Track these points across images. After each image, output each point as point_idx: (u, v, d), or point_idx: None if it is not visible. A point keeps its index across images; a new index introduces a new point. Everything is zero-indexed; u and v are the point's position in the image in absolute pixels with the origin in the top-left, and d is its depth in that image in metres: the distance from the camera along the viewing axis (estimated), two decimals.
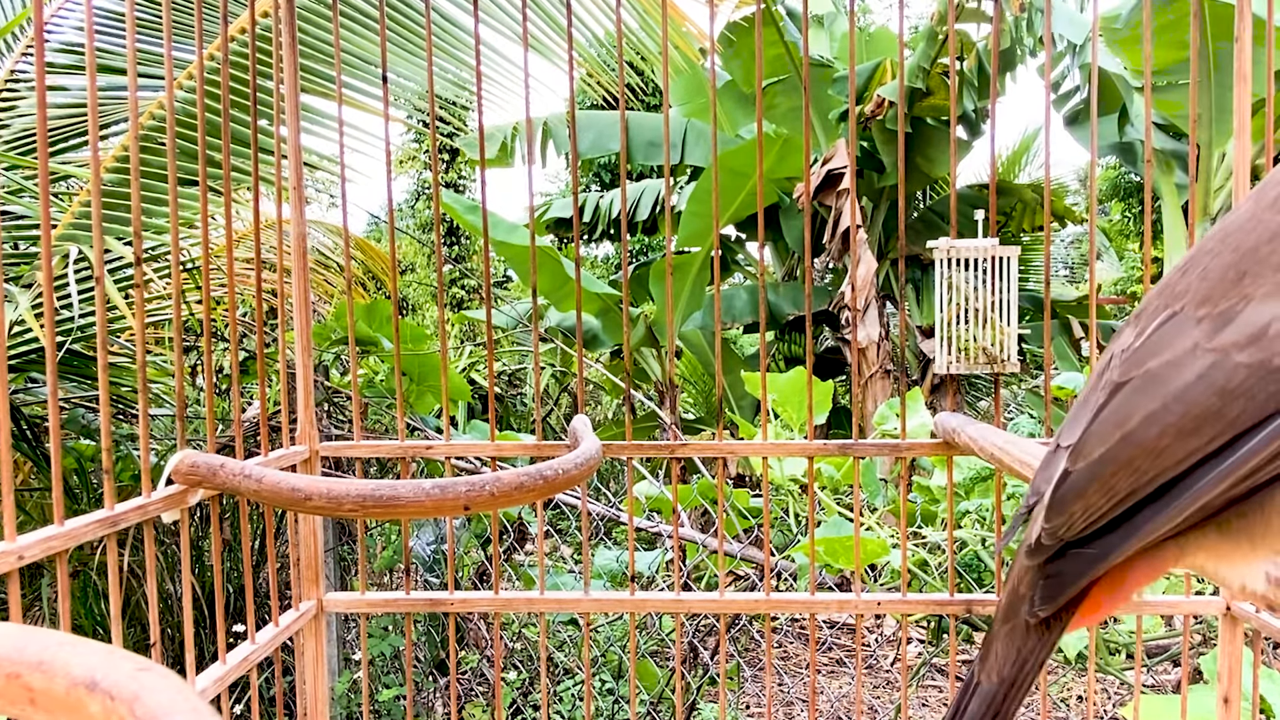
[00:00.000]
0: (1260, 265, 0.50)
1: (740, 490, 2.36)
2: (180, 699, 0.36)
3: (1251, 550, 0.51)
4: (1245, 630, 1.24)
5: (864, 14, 9.13)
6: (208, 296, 1.14)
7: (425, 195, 11.53)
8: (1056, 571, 0.53)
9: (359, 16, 2.68)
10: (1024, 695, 0.56)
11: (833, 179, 4.95)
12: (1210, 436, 0.49)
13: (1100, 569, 0.52)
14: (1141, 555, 0.52)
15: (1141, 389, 0.52)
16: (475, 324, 7.22)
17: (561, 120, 5.88)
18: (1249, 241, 0.52)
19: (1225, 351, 0.49)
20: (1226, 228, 0.55)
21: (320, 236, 4.24)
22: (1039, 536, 0.54)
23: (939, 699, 3.58)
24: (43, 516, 2.75)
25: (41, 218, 0.84)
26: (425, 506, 0.87)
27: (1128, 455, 0.51)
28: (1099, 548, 0.52)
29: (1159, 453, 0.50)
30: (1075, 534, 0.52)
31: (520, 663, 3.25)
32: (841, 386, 6.30)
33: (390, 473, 3.34)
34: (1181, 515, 0.50)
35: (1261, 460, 0.48)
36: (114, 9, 2.70)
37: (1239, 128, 1.21)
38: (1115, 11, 4.75)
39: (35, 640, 0.40)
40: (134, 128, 0.99)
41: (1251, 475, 0.48)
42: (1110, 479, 0.51)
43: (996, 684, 0.57)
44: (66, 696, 0.38)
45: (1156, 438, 0.50)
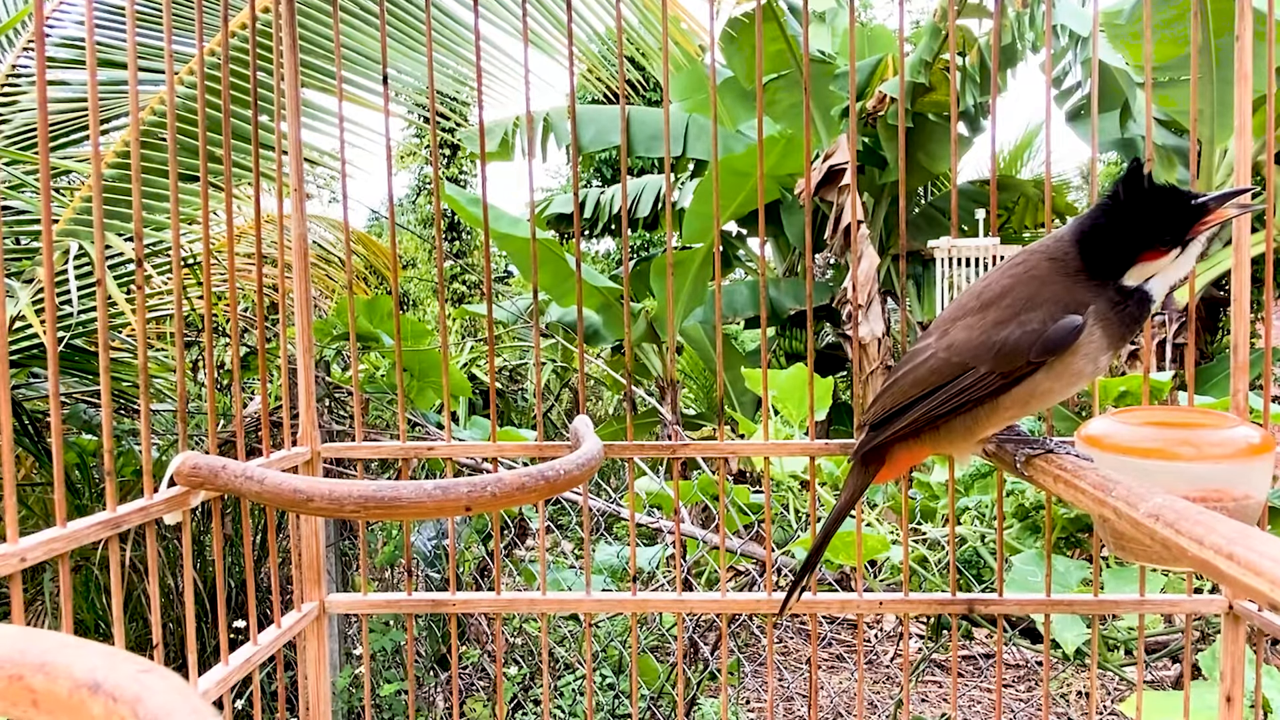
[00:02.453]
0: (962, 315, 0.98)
1: (741, 486, 2.36)
2: (182, 701, 0.36)
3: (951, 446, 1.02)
4: (1247, 628, 1.24)
5: (865, 9, 9.11)
6: (208, 292, 1.14)
7: (426, 190, 11.52)
8: (864, 439, 1.05)
9: (359, 12, 2.67)
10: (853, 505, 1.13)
11: (834, 175, 4.94)
12: (922, 388, 0.98)
13: (878, 439, 1.02)
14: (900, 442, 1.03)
15: (908, 360, 1.01)
16: (476, 319, 7.22)
17: (562, 114, 5.88)
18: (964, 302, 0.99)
19: (936, 352, 0.98)
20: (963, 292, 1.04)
21: (321, 231, 4.24)
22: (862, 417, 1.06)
23: (939, 694, 3.58)
24: (44, 511, 2.76)
25: (43, 213, 0.84)
26: (427, 507, 0.87)
27: (895, 389, 1.01)
28: (880, 432, 1.02)
29: (903, 392, 0.99)
30: (874, 419, 1.03)
31: (521, 658, 3.26)
32: (843, 382, 6.30)
33: (391, 470, 3.34)
34: (904, 422, 0.99)
35: (937, 401, 0.96)
36: (114, 3, 2.70)
37: (1240, 124, 1.21)
38: (1117, 7, 4.74)
39: (38, 642, 0.40)
40: (135, 123, 0.99)
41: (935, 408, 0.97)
42: (887, 399, 1.01)
43: (844, 499, 1.10)
44: (69, 698, 0.38)
45: (906, 384, 0.99)
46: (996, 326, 0.93)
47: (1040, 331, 0.90)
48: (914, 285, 5.76)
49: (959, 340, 0.96)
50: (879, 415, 1.02)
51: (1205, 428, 0.93)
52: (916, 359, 1.00)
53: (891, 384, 1.02)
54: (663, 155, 6.02)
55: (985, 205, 5.01)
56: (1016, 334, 0.91)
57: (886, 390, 1.02)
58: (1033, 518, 1.85)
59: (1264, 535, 0.56)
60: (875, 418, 1.03)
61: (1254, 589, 0.54)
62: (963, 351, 0.95)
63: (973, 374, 0.94)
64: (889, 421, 1.01)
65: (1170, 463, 0.89)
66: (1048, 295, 0.92)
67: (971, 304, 0.98)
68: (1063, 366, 0.92)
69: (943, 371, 0.96)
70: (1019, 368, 0.92)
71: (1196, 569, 0.65)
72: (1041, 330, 0.90)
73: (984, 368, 0.93)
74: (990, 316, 0.94)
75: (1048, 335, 0.90)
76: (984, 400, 0.95)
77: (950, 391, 0.95)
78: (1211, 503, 0.88)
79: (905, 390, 0.99)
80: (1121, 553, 0.95)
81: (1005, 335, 0.92)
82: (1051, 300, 0.91)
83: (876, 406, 1.03)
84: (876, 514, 2.12)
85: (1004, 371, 0.92)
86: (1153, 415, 0.97)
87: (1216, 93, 4.57)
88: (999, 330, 0.93)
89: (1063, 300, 0.91)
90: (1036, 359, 0.91)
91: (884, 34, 6.29)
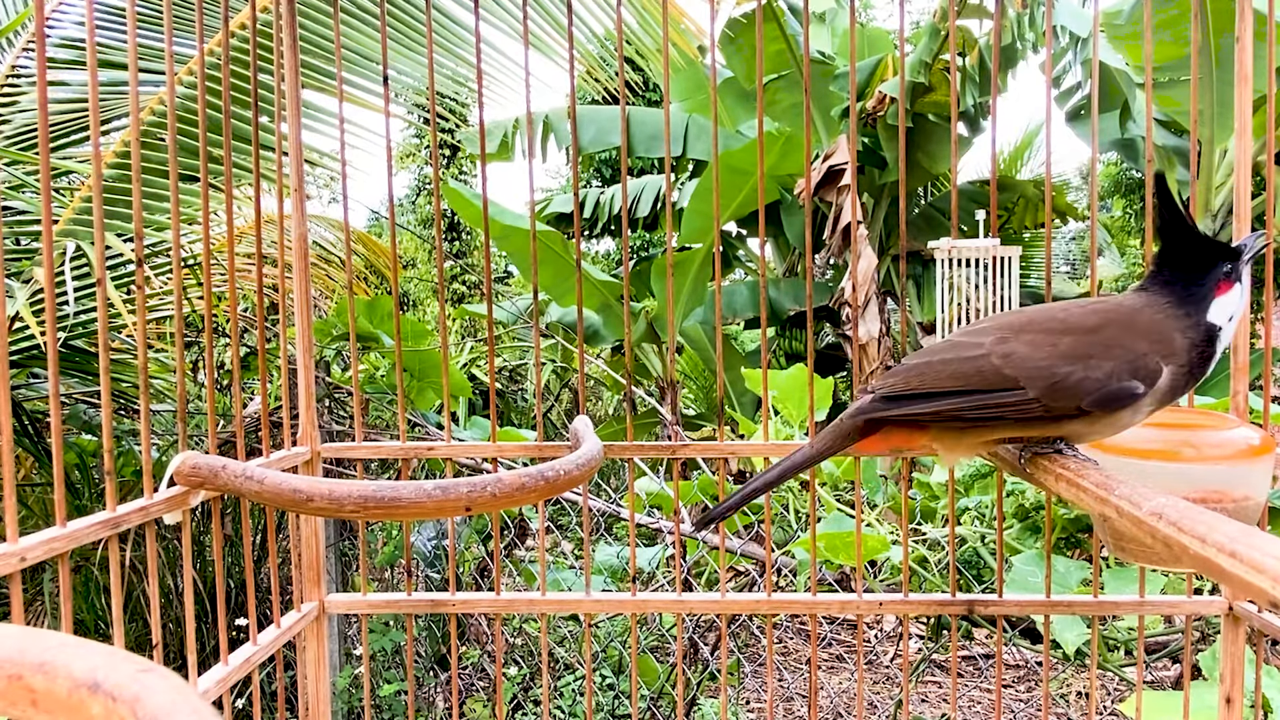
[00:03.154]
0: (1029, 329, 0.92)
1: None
2: (182, 700, 0.36)
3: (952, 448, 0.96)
4: (1247, 629, 1.24)
5: (865, 9, 9.11)
6: (209, 292, 1.13)
7: (426, 190, 11.53)
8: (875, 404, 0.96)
9: (359, 13, 2.67)
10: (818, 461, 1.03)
11: (834, 175, 4.94)
12: (957, 383, 0.91)
13: (888, 412, 0.95)
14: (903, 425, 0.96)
15: (950, 345, 0.95)
16: (476, 319, 7.22)
17: (562, 115, 5.88)
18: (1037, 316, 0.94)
19: (990, 352, 0.91)
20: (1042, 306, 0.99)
21: (321, 231, 4.24)
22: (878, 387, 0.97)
23: (939, 694, 3.58)
24: (44, 511, 2.76)
25: (43, 213, 0.84)
26: (426, 507, 0.87)
27: (928, 372, 0.93)
28: (893, 408, 0.94)
29: (936, 379, 0.92)
30: (890, 391, 0.95)
31: (521, 658, 3.26)
32: (842, 382, 6.30)
33: (391, 470, 3.34)
34: (926, 409, 0.92)
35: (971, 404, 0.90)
36: (115, 4, 2.70)
37: (1240, 125, 1.21)
38: (1117, 8, 4.74)
39: (37, 641, 0.40)
40: (135, 123, 0.99)
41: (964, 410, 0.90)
42: (914, 378, 0.94)
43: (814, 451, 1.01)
44: (69, 698, 0.38)
45: (940, 369, 0.93)
46: (1064, 359, 0.88)
47: (1102, 383, 0.86)
48: (914, 286, 5.76)
49: (1019, 354, 0.89)
50: (897, 389, 0.95)
51: (1205, 429, 0.93)
52: (963, 351, 0.93)
53: (923, 365, 0.95)
54: (663, 155, 6.02)
55: (985, 205, 5.01)
56: (1079, 376, 0.87)
57: (914, 369, 0.95)
58: (1033, 518, 1.85)
59: (1266, 535, 0.56)
60: (891, 390, 0.96)
61: (1256, 587, 0.54)
62: (1019, 367, 0.89)
63: (1019, 395, 0.88)
64: (908, 400, 0.94)
65: (1170, 464, 0.89)
66: (1126, 345, 0.87)
67: (1049, 322, 0.93)
68: (1106, 420, 0.89)
69: (989, 378, 0.90)
70: (1066, 407, 0.87)
71: (1198, 568, 0.65)
72: (1104, 383, 0.86)
73: (1032, 393, 0.88)
74: (1063, 345, 0.89)
75: (1107, 391, 0.86)
76: (1017, 421, 0.90)
77: (988, 401, 0.90)
78: (1211, 504, 0.88)
79: (939, 378, 0.93)
80: (1121, 553, 0.95)
81: (1068, 373, 0.87)
82: (1127, 353, 0.87)
83: (896, 380, 0.96)
84: (876, 514, 2.12)
85: (1050, 404, 0.88)
86: (1154, 416, 0.97)
87: (1216, 93, 4.58)
88: (1064, 364, 0.88)
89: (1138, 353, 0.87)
90: (1089, 408, 0.87)
91: (884, 34, 6.29)
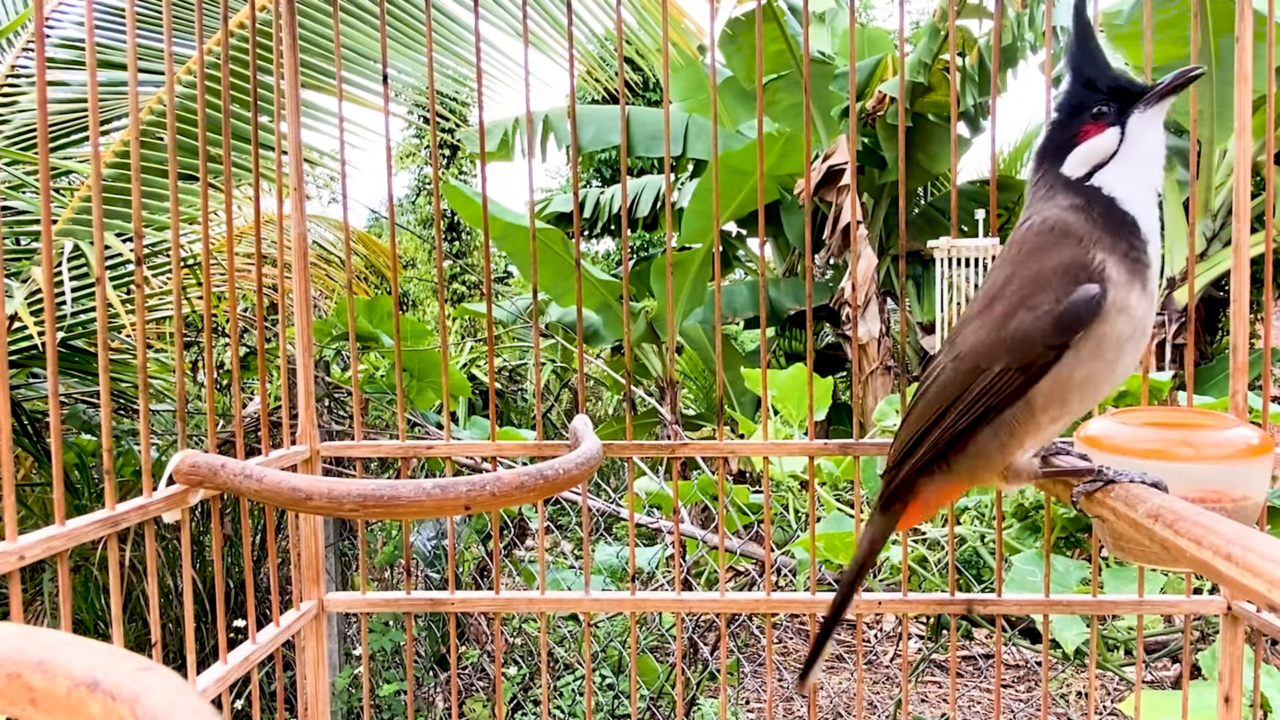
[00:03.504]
0: (967, 322, 0.89)
1: (740, 486, 2.36)
2: (181, 699, 0.36)
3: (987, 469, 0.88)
4: (1246, 629, 1.24)
5: (865, 9, 9.11)
6: (208, 292, 1.14)
7: (426, 190, 11.53)
8: (885, 482, 0.94)
9: (359, 12, 2.67)
10: (879, 551, 1.00)
11: (834, 175, 4.94)
12: (936, 408, 0.87)
13: (897, 480, 0.92)
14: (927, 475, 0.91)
15: (922, 385, 0.91)
16: (476, 319, 7.22)
17: (562, 114, 5.88)
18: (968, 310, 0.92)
19: (945, 365, 0.88)
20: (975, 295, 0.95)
21: (321, 231, 4.24)
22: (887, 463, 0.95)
23: (939, 694, 3.58)
24: (44, 511, 2.76)
25: (42, 213, 0.84)
26: (426, 506, 0.87)
27: (910, 420, 0.91)
28: (900, 471, 0.92)
29: (919, 419, 0.89)
30: (891, 462, 0.93)
31: (521, 658, 3.26)
32: (842, 382, 6.30)
33: (391, 469, 3.34)
34: (921, 450, 0.88)
35: (955, 414, 0.85)
36: (114, 4, 2.70)
37: (1240, 125, 1.21)
38: (1117, 8, 4.74)
39: (36, 640, 0.40)
40: (134, 123, 0.99)
41: (954, 423, 0.85)
42: (902, 432, 0.91)
43: (863, 549, 0.99)
44: (68, 697, 0.38)
45: (919, 411, 0.89)
46: (1005, 318, 0.83)
47: (1052, 311, 0.80)
48: (914, 286, 5.76)
49: (967, 345, 0.86)
50: (897, 455, 0.91)
51: (1204, 428, 0.93)
52: (927, 381, 0.90)
53: (905, 418, 0.92)
54: (662, 155, 6.01)
55: (985, 205, 5.01)
56: (1027, 320, 0.81)
57: (900, 427, 0.93)
58: (1032, 518, 1.85)
59: (1262, 536, 0.56)
60: (894, 459, 0.92)
61: (1252, 589, 0.54)
62: (973, 354, 0.84)
63: (987, 374, 0.83)
64: (907, 456, 0.90)
65: (1169, 463, 0.89)
66: (1051, 264, 0.82)
67: (975, 308, 0.89)
68: (1095, 341, 0.80)
69: (955, 382, 0.85)
70: (1037, 356, 0.80)
71: (1195, 569, 0.65)
72: (1054, 307, 0.80)
73: (998, 365, 0.82)
74: (997, 310, 0.84)
75: (1062, 310, 0.79)
76: (1008, 403, 0.83)
77: (966, 400, 0.84)
78: (1210, 503, 0.88)
79: (920, 416, 0.89)
80: (1120, 553, 0.95)
81: (1015, 324, 0.81)
82: (1057, 270, 0.81)
83: (893, 448, 0.93)
84: None
85: (1022, 365, 0.81)
86: (1152, 416, 0.97)
87: (1216, 93, 4.57)
88: (1008, 322, 0.82)
89: (1069, 265, 0.81)
90: (1057, 341, 0.80)
91: (884, 34, 6.29)
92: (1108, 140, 0.84)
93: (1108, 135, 0.84)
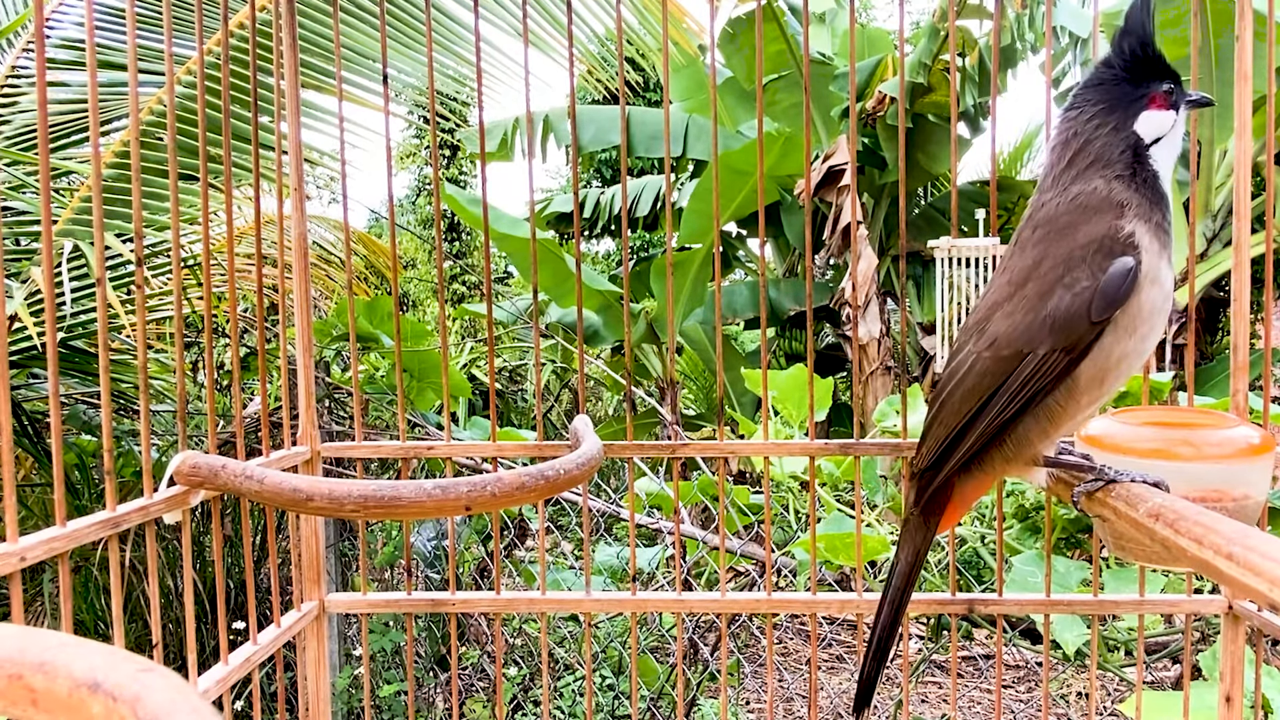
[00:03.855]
0: (995, 307, 0.86)
1: (741, 487, 2.36)
2: (182, 700, 0.36)
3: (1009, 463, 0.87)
4: (1247, 628, 1.24)
5: (865, 10, 9.11)
6: (208, 292, 1.14)
7: (426, 191, 11.53)
8: (920, 486, 0.91)
9: (359, 12, 2.68)
10: (922, 563, 0.95)
11: (834, 175, 4.94)
12: (977, 399, 0.84)
13: (938, 481, 0.89)
14: (965, 473, 0.89)
15: (948, 378, 0.88)
16: (476, 320, 7.22)
17: (562, 114, 5.88)
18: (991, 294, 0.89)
19: (979, 352, 0.85)
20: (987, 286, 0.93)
21: (321, 232, 4.24)
22: (913, 465, 0.92)
23: (939, 695, 3.58)
24: (44, 512, 2.76)
25: (42, 214, 0.84)
26: (426, 507, 0.87)
27: (943, 416, 0.88)
28: (940, 471, 0.88)
29: (955, 411, 0.86)
30: (926, 463, 0.89)
31: (521, 658, 3.26)
32: (842, 383, 6.30)
33: (391, 470, 3.34)
34: (965, 444, 0.85)
35: (1000, 404, 0.83)
36: (114, 5, 2.70)
37: (1240, 125, 1.21)
38: (1117, 7, 4.74)
39: (37, 641, 0.40)
40: (134, 124, 0.99)
41: (1000, 413, 0.83)
42: (937, 430, 0.88)
43: (905, 563, 0.94)
44: (69, 698, 0.38)
45: (955, 403, 0.86)
46: (1041, 299, 0.81)
47: (1092, 286, 0.78)
48: (914, 286, 5.76)
49: (1002, 331, 0.83)
50: (932, 454, 0.88)
51: (1205, 428, 0.93)
52: (958, 373, 0.87)
53: (936, 414, 0.89)
54: (662, 155, 6.02)
55: (985, 206, 5.01)
56: (1067, 299, 0.79)
57: (931, 426, 0.89)
58: (1033, 518, 1.85)
59: (1263, 535, 0.56)
60: (929, 458, 0.89)
61: (1253, 589, 0.54)
62: (1012, 340, 0.82)
63: (1031, 359, 0.80)
64: (947, 453, 0.87)
65: (1169, 463, 0.89)
66: (1083, 240, 0.80)
67: (1002, 292, 0.86)
68: (1131, 315, 0.80)
69: (995, 371, 0.83)
70: (1081, 335, 0.79)
71: (1196, 569, 0.65)
72: (1093, 285, 0.78)
73: (1042, 348, 0.80)
74: (1030, 291, 0.82)
75: (1105, 287, 0.78)
76: (1053, 387, 0.81)
77: (1011, 388, 0.82)
78: (1211, 503, 0.88)
79: (957, 410, 0.86)
80: (1121, 553, 0.95)
81: (1055, 304, 0.79)
82: (1089, 245, 0.80)
83: (924, 447, 0.90)
84: (876, 514, 2.12)
85: (1067, 346, 0.79)
86: (1152, 415, 0.97)
87: (1216, 93, 4.57)
88: (1045, 302, 0.80)
89: (1100, 238, 0.80)
90: (1100, 318, 0.78)
91: (884, 35, 6.29)
92: (1168, 119, 0.85)
93: (1168, 115, 0.85)
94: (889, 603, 0.94)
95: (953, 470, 0.88)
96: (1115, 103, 0.85)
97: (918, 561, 0.93)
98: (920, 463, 0.90)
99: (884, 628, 0.95)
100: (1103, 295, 0.78)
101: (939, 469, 0.88)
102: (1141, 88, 0.85)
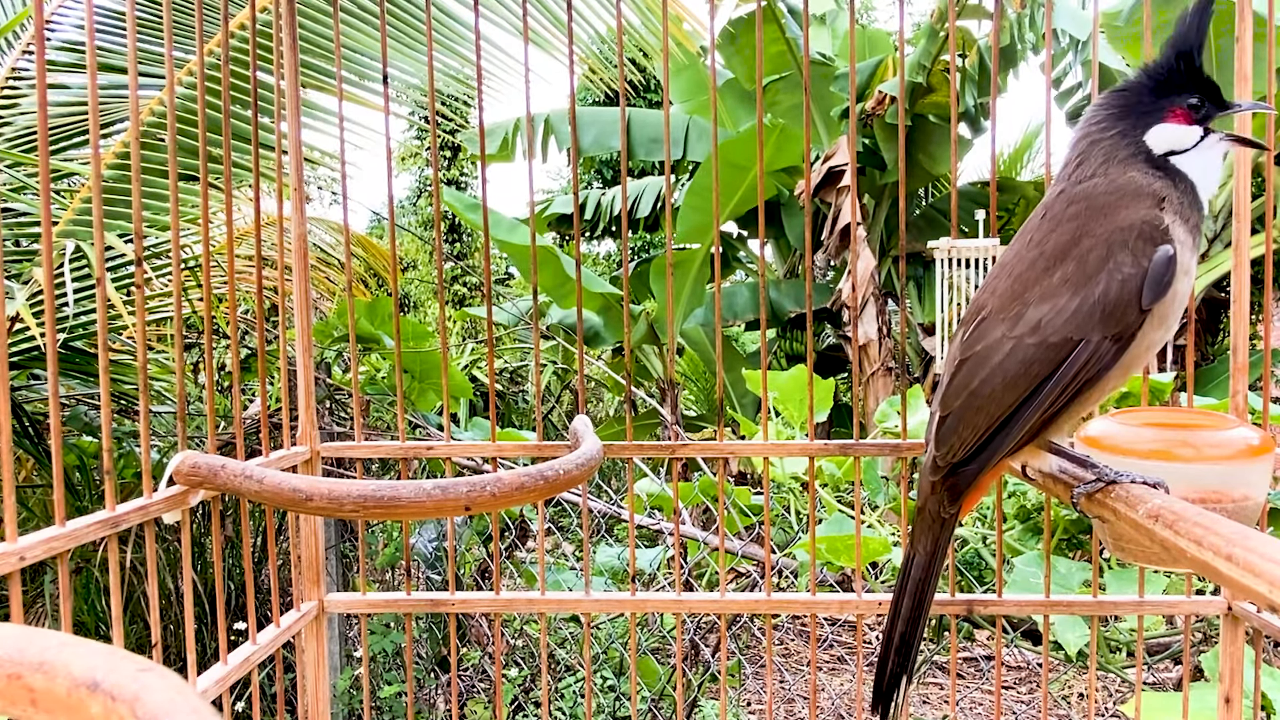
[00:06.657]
0: (1028, 285, 0.81)
1: (741, 488, 2.36)
2: (181, 700, 0.36)
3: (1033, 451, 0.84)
4: (1246, 629, 1.24)
5: (866, 10, 9.12)
6: (208, 294, 1.14)
7: (426, 192, 11.53)
8: (953, 483, 0.85)
9: (359, 12, 2.68)
10: (944, 559, 0.92)
11: (834, 176, 4.94)
12: (1024, 388, 0.79)
13: (981, 477, 0.84)
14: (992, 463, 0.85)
15: (975, 364, 0.83)
16: (476, 321, 7.22)
17: (563, 116, 5.88)
18: (1019, 270, 0.83)
19: (1020, 338, 0.80)
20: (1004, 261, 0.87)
21: (321, 234, 4.24)
22: (934, 461, 0.86)
23: (940, 696, 3.58)
24: (44, 513, 2.76)
25: (43, 215, 0.85)
26: (426, 507, 0.87)
27: (977, 405, 0.82)
28: (977, 463, 0.83)
29: (997, 402, 0.80)
30: (959, 457, 0.84)
31: (521, 659, 3.26)
32: (843, 384, 6.30)
33: (392, 470, 3.34)
34: (1020, 434, 0.81)
35: (1053, 395, 0.79)
36: (114, 7, 2.70)
37: (1240, 125, 1.21)
38: (1117, 9, 4.73)
39: (36, 641, 0.40)
40: (135, 125, 0.99)
41: (1050, 407, 0.79)
42: (972, 420, 0.82)
43: (926, 554, 0.90)
44: (68, 697, 0.38)
45: (992, 393, 0.81)
46: (1085, 284, 0.77)
47: (1139, 275, 0.75)
48: (914, 287, 5.76)
49: (1048, 317, 0.78)
50: (970, 446, 0.83)
51: (1205, 429, 0.93)
52: (990, 359, 0.81)
53: (968, 402, 0.83)
54: (663, 158, 6.02)
55: (985, 206, 5.00)
56: (1115, 285, 0.76)
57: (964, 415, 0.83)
58: (1034, 519, 1.85)
59: (1262, 536, 0.56)
60: (965, 451, 0.83)
61: (1252, 590, 0.54)
62: (1061, 326, 0.77)
63: (1084, 348, 0.77)
64: (989, 444, 0.82)
65: (1170, 464, 0.88)
66: (1123, 222, 0.78)
67: (1031, 270, 0.81)
68: (1165, 304, 0.78)
69: (1044, 359, 0.78)
70: (1131, 323, 0.76)
71: (1196, 570, 0.65)
72: (1140, 273, 0.75)
73: (1095, 336, 0.76)
74: (1070, 273, 0.78)
75: (1151, 275, 0.75)
76: (1100, 376, 0.78)
77: (1064, 379, 0.78)
78: (1210, 504, 0.88)
79: (999, 399, 0.80)
80: (1121, 554, 0.95)
81: (1103, 290, 0.76)
82: (1129, 228, 0.77)
83: (956, 439, 0.84)
84: (877, 516, 2.12)
85: (1117, 334, 0.76)
86: (1152, 416, 0.97)
87: None
88: (1093, 287, 0.77)
89: (1140, 223, 0.77)
90: (1149, 306, 0.76)
91: (884, 35, 6.29)
92: (1190, 134, 0.84)
93: (1192, 130, 0.84)
94: (909, 594, 0.90)
95: (998, 460, 0.83)
96: (1128, 111, 0.85)
97: (939, 552, 0.90)
98: (954, 455, 0.84)
99: (906, 621, 0.91)
100: (1151, 283, 0.76)
101: (977, 460, 0.83)
102: (1164, 99, 0.84)
